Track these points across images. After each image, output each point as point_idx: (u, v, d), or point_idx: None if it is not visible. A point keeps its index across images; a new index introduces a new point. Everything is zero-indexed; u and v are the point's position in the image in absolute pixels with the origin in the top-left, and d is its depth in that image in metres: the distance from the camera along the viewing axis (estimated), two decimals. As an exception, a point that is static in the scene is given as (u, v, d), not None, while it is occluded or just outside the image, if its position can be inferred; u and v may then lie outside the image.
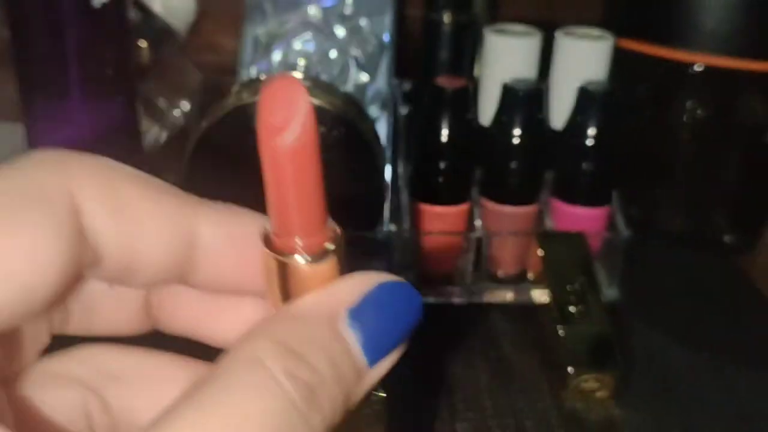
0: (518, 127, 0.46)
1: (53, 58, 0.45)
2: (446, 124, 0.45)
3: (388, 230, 0.50)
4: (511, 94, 0.46)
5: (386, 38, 0.53)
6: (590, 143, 0.46)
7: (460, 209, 0.47)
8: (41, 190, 0.14)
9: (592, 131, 0.46)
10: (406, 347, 0.17)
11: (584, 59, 0.48)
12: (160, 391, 0.18)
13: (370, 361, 0.15)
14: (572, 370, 0.40)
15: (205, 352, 0.18)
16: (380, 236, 0.49)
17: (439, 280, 0.48)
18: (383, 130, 0.53)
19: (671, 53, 0.51)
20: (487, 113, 0.48)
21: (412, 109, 0.52)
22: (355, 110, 0.47)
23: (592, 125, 0.46)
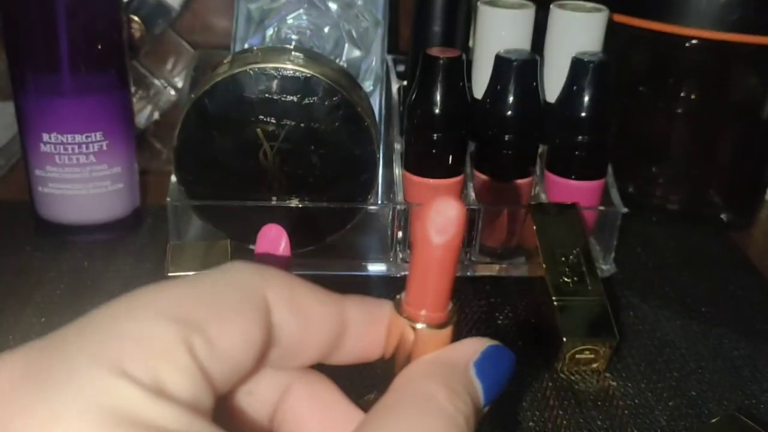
0: (512, 96, 0.45)
1: (43, 33, 0.45)
2: (440, 94, 0.45)
3: (382, 203, 0.49)
4: (504, 64, 0.46)
5: (380, 13, 0.53)
6: (584, 114, 0.46)
7: (453, 182, 0.47)
8: (249, 291, 0.19)
9: (586, 102, 0.46)
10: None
11: (579, 32, 0.48)
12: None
13: (484, 404, 0.21)
14: (567, 341, 0.40)
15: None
16: (374, 209, 0.49)
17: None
18: (376, 104, 0.52)
19: (665, 27, 0.51)
20: (480, 87, 0.48)
21: (405, 83, 0.52)
22: (347, 81, 0.47)
23: (586, 96, 0.46)
